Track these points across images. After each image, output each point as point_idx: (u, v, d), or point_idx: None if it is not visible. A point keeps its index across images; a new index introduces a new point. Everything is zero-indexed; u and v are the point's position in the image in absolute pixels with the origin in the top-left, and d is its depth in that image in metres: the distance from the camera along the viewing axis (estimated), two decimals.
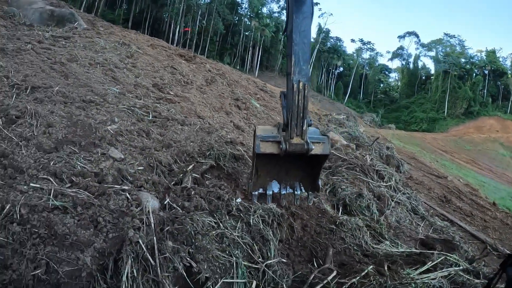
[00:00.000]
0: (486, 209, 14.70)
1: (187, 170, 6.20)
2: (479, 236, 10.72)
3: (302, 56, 5.28)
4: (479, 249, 9.45)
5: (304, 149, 5.21)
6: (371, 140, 18.52)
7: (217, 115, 10.78)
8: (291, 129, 5.18)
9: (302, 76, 5.22)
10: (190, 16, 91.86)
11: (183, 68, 14.79)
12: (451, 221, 11.39)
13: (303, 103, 5.19)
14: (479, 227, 11.97)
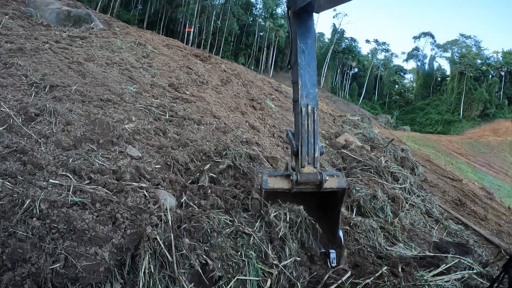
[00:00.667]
0: (501, 213, 14.54)
1: (204, 169, 6.25)
2: (493, 240, 10.62)
3: (309, 79, 5.20)
4: (493, 253, 9.38)
5: (317, 180, 5.01)
6: (385, 142, 18.47)
7: (233, 115, 10.81)
8: (302, 156, 5.01)
9: (310, 100, 5.13)
10: (205, 16, 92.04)
11: (199, 68, 14.84)
12: (465, 224, 11.32)
13: (313, 127, 5.06)
14: (493, 231, 11.85)
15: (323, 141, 14.27)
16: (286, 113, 15.66)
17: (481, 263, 6.31)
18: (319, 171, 5.00)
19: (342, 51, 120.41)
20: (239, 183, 6.30)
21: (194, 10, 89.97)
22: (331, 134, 16.37)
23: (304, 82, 5.14)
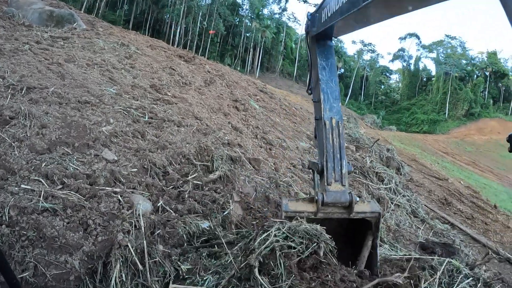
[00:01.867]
0: (487, 212, 14.64)
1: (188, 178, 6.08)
2: (480, 239, 10.68)
3: (331, 93, 4.99)
4: (480, 253, 9.46)
5: (346, 200, 4.47)
6: (371, 142, 18.48)
7: (215, 116, 10.67)
8: (328, 173, 4.56)
9: (334, 114, 4.86)
10: (191, 17, 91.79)
11: (182, 69, 14.72)
12: (452, 224, 11.36)
13: (338, 142, 4.71)
14: (480, 230, 11.92)
15: (308, 142, 14.22)
16: (270, 114, 15.61)
17: (468, 265, 6.21)
18: (349, 191, 4.55)
19: None
20: (219, 186, 6.14)
21: (180, 11, 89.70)
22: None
23: (326, 96, 4.94)
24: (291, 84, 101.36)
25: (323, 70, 5.07)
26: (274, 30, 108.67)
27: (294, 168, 9.97)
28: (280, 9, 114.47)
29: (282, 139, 12.11)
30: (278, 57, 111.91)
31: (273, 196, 7.15)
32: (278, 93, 34.37)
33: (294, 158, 10.91)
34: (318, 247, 4.07)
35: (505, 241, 11.67)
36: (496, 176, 34.68)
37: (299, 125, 17.63)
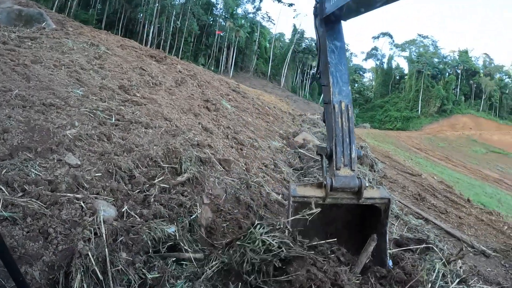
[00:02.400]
0: (461, 206, 14.71)
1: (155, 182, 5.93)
2: (454, 233, 10.72)
3: (341, 77, 4.94)
4: (455, 247, 9.47)
5: (355, 185, 4.43)
6: None
7: (185, 117, 10.49)
8: (337, 157, 4.53)
9: (343, 97, 4.82)
10: (164, 16, 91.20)
11: (153, 69, 14.52)
12: (426, 219, 11.41)
13: (348, 125, 4.65)
14: (454, 224, 11.96)
15: (280, 141, 14.17)
16: (242, 113, 15.51)
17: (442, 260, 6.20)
18: (358, 176, 4.51)
19: (302, 51, 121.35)
20: (186, 189, 5.97)
21: (153, 10, 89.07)
22: (288, 134, 16.29)
23: (336, 80, 4.89)
24: (265, 84, 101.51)
25: (332, 53, 5.02)
26: (248, 30, 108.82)
27: (265, 168, 9.91)
28: (254, 8, 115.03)
29: (254, 138, 12.03)
30: (252, 57, 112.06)
31: (244, 197, 7.06)
32: (252, 92, 34.29)
33: (266, 157, 10.85)
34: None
35: (479, 234, 11.70)
36: (469, 170, 35.21)
37: (272, 124, 17.58)
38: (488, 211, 15.12)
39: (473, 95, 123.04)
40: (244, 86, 46.91)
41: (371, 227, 4.87)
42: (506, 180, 33.76)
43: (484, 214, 14.42)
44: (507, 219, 14.73)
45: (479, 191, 22.48)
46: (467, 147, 60.01)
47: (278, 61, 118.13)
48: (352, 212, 5.06)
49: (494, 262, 9.35)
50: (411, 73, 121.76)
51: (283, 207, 7.75)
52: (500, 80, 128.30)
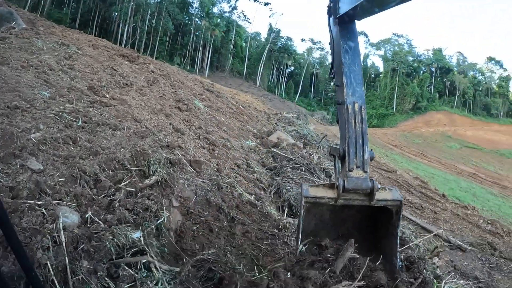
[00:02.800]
0: (436, 201, 14.95)
1: (121, 186, 5.76)
2: (430, 228, 10.89)
3: (355, 77, 4.90)
4: (431, 242, 9.50)
5: (368, 187, 4.40)
6: (320, 138, 18.56)
7: (156, 117, 10.30)
8: (349, 159, 4.49)
9: (357, 98, 4.77)
10: (139, 15, 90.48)
11: (124, 69, 14.30)
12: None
13: (361, 127, 4.61)
14: (429, 219, 12.15)
15: (254, 140, 14.10)
16: (215, 113, 15.40)
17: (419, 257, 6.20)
18: (370, 178, 4.47)
19: (278, 50, 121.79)
20: (153, 193, 5.79)
21: (128, 9, 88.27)
22: (263, 133, 16.23)
23: (349, 81, 4.84)
24: (241, 83, 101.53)
25: (346, 54, 5.00)
26: (223, 29, 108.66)
27: (238, 168, 9.81)
28: (230, 7, 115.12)
29: (226, 138, 11.91)
30: (228, 56, 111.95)
31: (214, 199, 6.93)
32: (227, 92, 34.18)
33: (238, 158, 10.76)
34: None
35: (455, 229, 11.93)
36: (444, 165, 35.69)
37: (245, 123, 17.51)
38: (464, 206, 15.48)
39: (447, 92, 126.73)
40: (219, 85, 46.79)
41: (382, 228, 4.90)
42: (481, 174, 34.48)
43: (459, 208, 14.76)
44: (483, 212, 15.22)
45: (454, 186, 22.86)
46: (441, 143, 60.85)
47: (254, 60, 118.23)
48: (363, 213, 5.06)
49: (471, 256, 9.53)
50: (386, 71, 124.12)
51: (255, 208, 7.68)
52: (473, 78, 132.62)
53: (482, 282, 7.88)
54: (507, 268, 9.13)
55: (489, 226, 12.91)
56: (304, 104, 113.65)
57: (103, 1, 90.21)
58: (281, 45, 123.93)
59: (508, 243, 11.19)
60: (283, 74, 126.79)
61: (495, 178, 34.04)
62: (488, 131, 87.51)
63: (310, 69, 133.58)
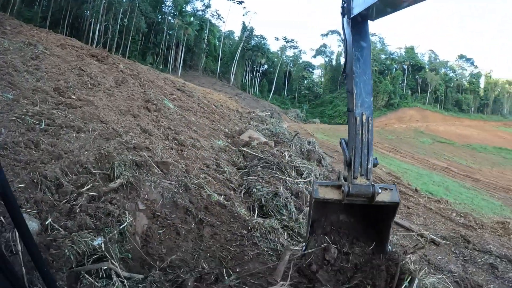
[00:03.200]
0: (409, 196, 15.05)
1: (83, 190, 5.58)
2: (403, 224, 10.97)
3: (364, 87, 5.08)
4: (404, 237, 9.81)
5: (369, 192, 4.79)
6: (292, 136, 18.57)
7: (123, 119, 10.08)
8: (354, 167, 4.84)
9: (365, 109, 5.01)
10: (111, 14, 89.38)
11: (93, 69, 14.05)
12: None
13: (367, 137, 4.92)
14: (403, 215, 12.19)
15: (225, 140, 14.02)
16: (185, 113, 15.22)
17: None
18: (372, 184, 4.82)
19: (251, 48, 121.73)
20: (115, 197, 5.63)
21: (100, 7, 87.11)
22: (234, 132, 16.14)
23: (359, 91, 5.02)
24: (214, 82, 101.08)
25: (357, 62, 5.14)
26: (197, 27, 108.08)
27: (207, 169, 9.70)
28: (204, 6, 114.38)
29: (196, 138, 11.77)
30: (201, 55, 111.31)
31: (182, 201, 6.78)
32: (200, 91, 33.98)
33: (208, 158, 10.65)
34: None
35: (428, 223, 12.04)
36: (417, 160, 35.97)
37: (217, 123, 17.40)
38: (436, 200, 15.62)
39: (419, 89, 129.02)
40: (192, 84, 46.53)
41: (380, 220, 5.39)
42: (453, 168, 34.90)
43: (432, 202, 14.90)
44: (455, 206, 15.36)
45: (427, 180, 22.96)
46: (414, 138, 61.30)
47: (228, 59, 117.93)
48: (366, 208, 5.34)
49: (445, 250, 9.66)
50: None
51: (224, 209, 7.59)
52: (445, 75, 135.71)
53: (457, 276, 7.95)
54: (481, 260, 9.22)
55: (462, 219, 13.06)
56: (277, 103, 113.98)
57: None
58: (254, 44, 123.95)
59: (482, 236, 11.29)
60: (256, 72, 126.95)
61: (467, 171, 34.38)
62: (459, 126, 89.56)
63: (283, 67, 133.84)
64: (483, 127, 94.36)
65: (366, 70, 5.18)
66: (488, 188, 25.43)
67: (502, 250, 10.08)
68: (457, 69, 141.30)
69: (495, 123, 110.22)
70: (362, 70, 5.14)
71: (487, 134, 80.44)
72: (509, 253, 9.82)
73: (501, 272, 8.70)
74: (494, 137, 77.16)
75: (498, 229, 12.75)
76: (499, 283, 8.20)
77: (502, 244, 10.89)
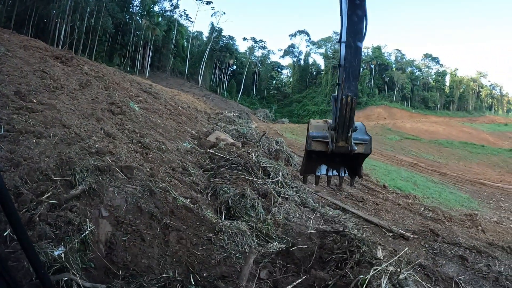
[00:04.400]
0: (377, 193, 15.19)
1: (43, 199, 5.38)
2: (372, 220, 11.03)
3: (352, 72, 5.35)
4: (374, 233, 9.88)
5: (348, 151, 5.49)
6: (259, 136, 18.54)
7: (86, 122, 9.78)
8: (338, 135, 5.44)
9: (350, 91, 5.31)
10: (78, 14, 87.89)
11: (56, 71, 13.70)
12: (344, 209, 11.73)
13: (350, 114, 5.35)
14: (371, 211, 12.31)
15: (192, 142, 13.90)
16: (151, 115, 14.99)
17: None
18: (350, 145, 5.47)
19: (220, 49, 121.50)
20: (75, 204, 5.47)
21: (66, 7, 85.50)
22: (201, 134, 16.02)
23: (347, 76, 5.35)
24: (182, 83, 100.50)
25: (349, 49, 5.42)
26: (165, 28, 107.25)
27: (173, 172, 9.55)
28: (172, 6, 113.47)
29: (162, 141, 11.59)
30: (169, 56, 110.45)
31: (146, 206, 6.62)
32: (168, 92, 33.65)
33: (174, 160, 10.50)
34: None
35: (397, 218, 12.17)
36: (385, 157, 36.37)
37: (183, 124, 17.21)
38: (405, 195, 15.84)
39: (386, 88, 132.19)
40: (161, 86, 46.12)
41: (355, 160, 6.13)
42: (420, 163, 35.63)
43: (400, 198, 15.09)
44: (423, 200, 15.75)
45: (395, 176, 23.30)
46: (382, 135, 62.03)
47: (196, 60, 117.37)
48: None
49: (414, 244, 9.75)
50: (327, 68, 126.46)
51: (191, 212, 7.48)
52: (411, 73, 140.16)
53: (427, 269, 8.03)
54: (451, 253, 9.31)
55: (430, 213, 13.25)
56: (246, 103, 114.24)
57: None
58: (223, 44, 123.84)
59: (450, 228, 11.44)
60: (225, 73, 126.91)
61: (434, 166, 35.22)
62: (426, 123, 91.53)
63: (252, 67, 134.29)
64: (449, 123, 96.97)
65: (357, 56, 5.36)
66: (456, 181, 26.04)
67: (471, 241, 10.23)
68: (423, 68, 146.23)
69: (460, 119, 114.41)
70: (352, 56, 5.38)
71: (453, 130, 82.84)
72: (477, 244, 9.97)
73: (471, 263, 8.83)
74: (459, 133, 79.74)
75: (466, 221, 13.00)
76: (469, 273, 8.32)
77: (471, 236, 11.11)
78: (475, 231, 12.04)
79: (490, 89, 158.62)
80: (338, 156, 6.03)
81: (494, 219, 14.86)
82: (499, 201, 19.70)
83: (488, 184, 26.39)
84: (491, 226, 13.38)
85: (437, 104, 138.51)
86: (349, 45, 5.40)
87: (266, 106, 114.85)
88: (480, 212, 15.98)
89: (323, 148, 5.69)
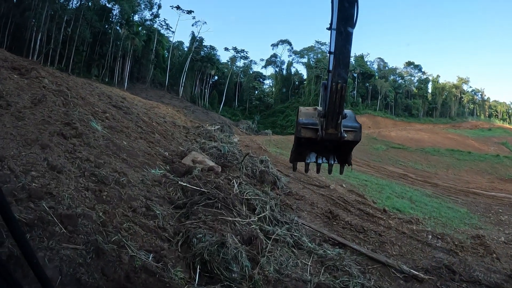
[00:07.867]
0: (377, 219, 13.95)
1: None
2: (378, 258, 9.72)
3: (343, 60, 5.13)
4: (382, 275, 8.69)
5: (337, 138, 5.40)
6: (242, 155, 17.12)
7: (27, 152, 7.60)
8: (327, 122, 5.34)
9: (340, 78, 5.15)
10: (55, 22, 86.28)
11: (8, 85, 11.76)
12: (343, 244, 10.44)
13: (339, 101, 5.24)
14: (375, 244, 11.08)
15: (163, 167, 12.09)
16: (116, 135, 12.83)
17: None
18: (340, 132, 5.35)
19: (201, 59, 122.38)
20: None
21: (42, 15, 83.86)
22: (175, 155, 14.25)
23: (338, 63, 5.07)
24: (162, 94, 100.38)
25: (339, 36, 5.13)
26: (144, 38, 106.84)
27: (133, 214, 7.42)
28: (152, 15, 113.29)
29: (122, 172, 9.28)
30: (149, 66, 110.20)
31: (88, 277, 4.66)
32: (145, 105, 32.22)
33: (136, 197, 8.35)
34: None
35: (405, 252, 10.97)
36: (373, 168, 36.82)
37: (155, 144, 15.13)
38: (407, 220, 14.71)
39: (369, 96, 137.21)
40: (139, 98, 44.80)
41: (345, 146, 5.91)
42: (410, 174, 36.34)
43: (403, 224, 13.99)
44: (427, 223, 15.08)
45: (389, 193, 22.75)
46: (368, 145, 62.93)
47: (176, 71, 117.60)
48: None
49: (429, 286, 8.72)
50: (310, 78, 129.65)
51: (153, 277, 5.58)
52: (394, 82, 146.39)
53: None
54: None
55: (439, 241, 12.22)
56: (228, 114, 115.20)
57: (17, 6, 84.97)
58: (204, 54, 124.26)
59: (465, 261, 10.47)
60: (206, 84, 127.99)
61: (424, 176, 36.12)
62: (410, 130, 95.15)
63: (234, 78, 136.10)
64: (433, 130, 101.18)
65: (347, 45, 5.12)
66: (449, 193, 26.49)
67: (490, 275, 9.59)
68: (405, 76, 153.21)
69: (443, 126, 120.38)
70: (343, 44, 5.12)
71: (437, 137, 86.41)
72: (497, 279, 9.36)
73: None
74: (444, 139, 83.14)
75: (478, 249, 12.13)
76: None
77: (488, 268, 10.28)
78: (490, 259, 11.27)
79: (472, 94, 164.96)
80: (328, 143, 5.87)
81: (502, 239, 14.27)
82: (498, 214, 19.83)
83: (481, 194, 27.25)
84: (502, 249, 12.68)
85: (420, 112, 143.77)
86: (339, 31, 5.09)
87: (249, 117, 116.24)
88: (485, 230, 15.46)
89: (312, 135, 5.59)
